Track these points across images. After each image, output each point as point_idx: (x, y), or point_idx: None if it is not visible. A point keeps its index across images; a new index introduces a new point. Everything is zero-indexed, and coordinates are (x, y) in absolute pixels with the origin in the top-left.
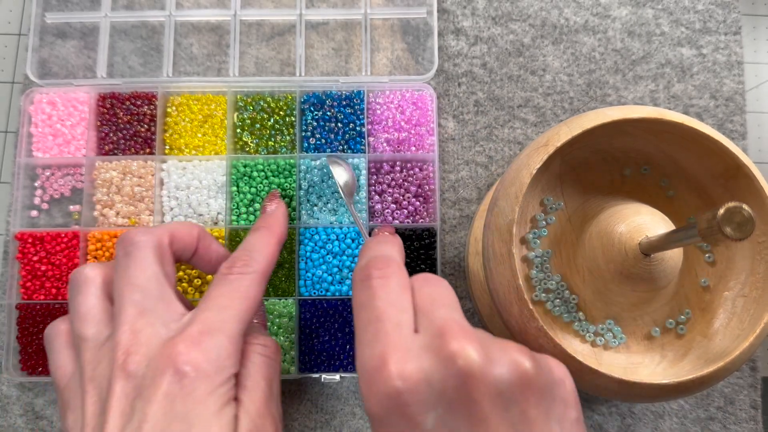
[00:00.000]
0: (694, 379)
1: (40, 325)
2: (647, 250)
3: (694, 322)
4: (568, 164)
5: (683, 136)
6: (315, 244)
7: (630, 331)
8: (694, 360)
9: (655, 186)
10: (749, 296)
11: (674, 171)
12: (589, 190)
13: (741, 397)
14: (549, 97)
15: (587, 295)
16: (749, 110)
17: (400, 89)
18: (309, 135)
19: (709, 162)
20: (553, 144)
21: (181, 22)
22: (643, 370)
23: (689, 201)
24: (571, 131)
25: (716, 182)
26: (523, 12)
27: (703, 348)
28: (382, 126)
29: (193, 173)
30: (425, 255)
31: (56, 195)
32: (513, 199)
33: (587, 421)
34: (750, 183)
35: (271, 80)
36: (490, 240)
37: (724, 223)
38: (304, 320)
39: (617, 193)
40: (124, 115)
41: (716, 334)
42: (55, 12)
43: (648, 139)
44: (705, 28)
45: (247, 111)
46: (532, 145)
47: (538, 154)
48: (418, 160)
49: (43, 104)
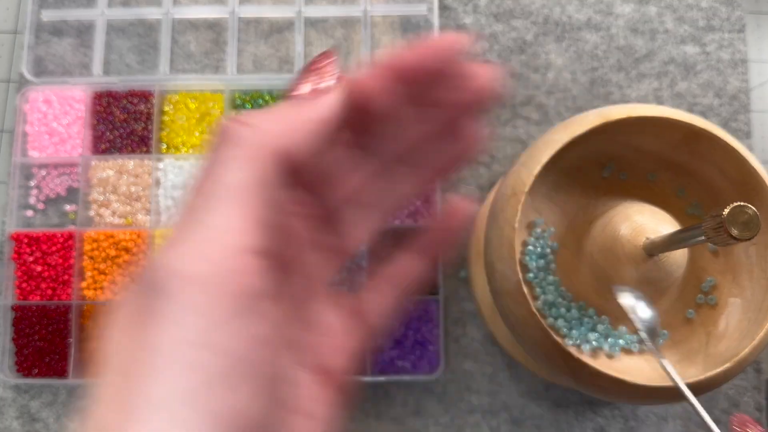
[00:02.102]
0: (699, 382)
1: (35, 326)
2: (651, 251)
3: (698, 324)
4: (569, 165)
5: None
6: None
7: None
8: (699, 362)
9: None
10: (754, 298)
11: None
12: (590, 190)
13: (745, 399)
14: (552, 96)
15: (590, 296)
16: (754, 109)
17: None
18: None
19: (668, 135)
20: (590, 124)
21: (178, 19)
22: (647, 372)
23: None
24: (573, 131)
25: (679, 151)
26: (525, 9)
27: (708, 350)
28: None
29: (190, 172)
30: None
31: (52, 195)
32: (533, 165)
33: (590, 424)
34: (713, 142)
35: (268, 77)
36: (499, 201)
37: (730, 223)
38: None
39: (618, 194)
40: (121, 114)
41: (721, 336)
42: (51, 9)
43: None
44: (709, 25)
45: (245, 108)
46: (535, 144)
47: (572, 129)
48: None
49: (39, 103)
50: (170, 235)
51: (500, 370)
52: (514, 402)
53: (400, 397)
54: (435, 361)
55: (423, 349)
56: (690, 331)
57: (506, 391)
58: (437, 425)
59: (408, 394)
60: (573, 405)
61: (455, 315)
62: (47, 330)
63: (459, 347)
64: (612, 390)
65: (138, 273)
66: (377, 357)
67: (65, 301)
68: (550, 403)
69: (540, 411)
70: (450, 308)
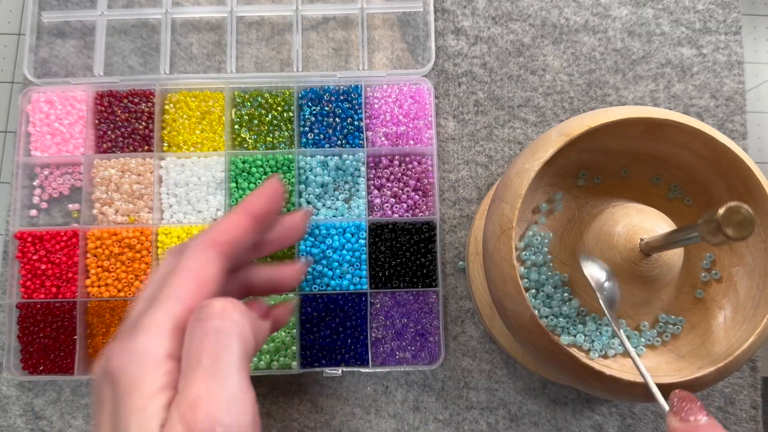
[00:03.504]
0: (694, 379)
1: (40, 324)
2: (647, 251)
3: (710, 301)
4: (545, 185)
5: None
6: (315, 239)
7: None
8: (694, 360)
9: (655, 186)
10: (756, 263)
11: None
12: (570, 202)
13: (741, 397)
14: (549, 97)
15: (588, 295)
16: (749, 110)
17: (397, 83)
18: (307, 130)
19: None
20: (553, 145)
21: (179, 20)
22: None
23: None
24: (540, 157)
25: (643, 141)
26: (523, 12)
27: (704, 348)
28: (380, 120)
29: (191, 170)
30: (425, 249)
31: (55, 194)
32: (513, 199)
33: (587, 422)
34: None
35: (268, 76)
36: (490, 240)
37: (724, 223)
38: (305, 315)
39: (599, 197)
40: (122, 113)
41: (717, 334)
42: (52, 11)
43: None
44: (705, 27)
45: (245, 107)
46: (533, 144)
47: (538, 154)
48: (417, 153)
49: (41, 103)
50: None
51: (498, 368)
52: (512, 399)
53: (400, 394)
54: (435, 352)
55: (423, 341)
56: (703, 310)
57: (504, 388)
58: (436, 421)
59: (407, 391)
60: (571, 402)
61: (454, 313)
62: (52, 327)
63: (458, 344)
64: (609, 387)
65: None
66: (378, 349)
67: (70, 298)
68: (548, 400)
69: (538, 408)
70: (449, 306)
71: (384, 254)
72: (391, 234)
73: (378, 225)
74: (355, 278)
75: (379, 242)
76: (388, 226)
